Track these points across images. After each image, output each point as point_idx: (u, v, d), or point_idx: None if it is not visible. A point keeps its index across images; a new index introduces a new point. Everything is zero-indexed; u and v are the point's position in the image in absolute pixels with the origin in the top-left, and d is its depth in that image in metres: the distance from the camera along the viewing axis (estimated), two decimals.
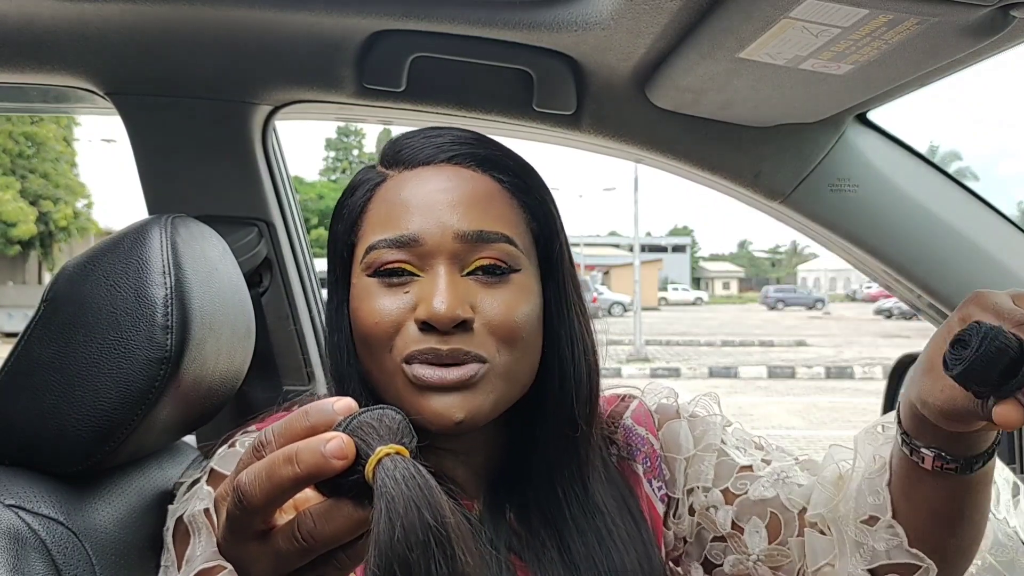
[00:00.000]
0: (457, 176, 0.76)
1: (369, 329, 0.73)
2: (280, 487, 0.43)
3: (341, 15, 0.99)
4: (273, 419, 0.79)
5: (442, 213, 0.73)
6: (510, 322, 0.73)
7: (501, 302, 0.73)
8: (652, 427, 0.88)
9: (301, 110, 1.19)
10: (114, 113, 1.16)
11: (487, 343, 0.72)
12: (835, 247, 1.18)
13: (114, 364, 0.74)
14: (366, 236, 0.76)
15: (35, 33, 1.04)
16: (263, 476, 0.43)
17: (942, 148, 51.76)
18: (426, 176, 0.76)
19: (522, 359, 0.75)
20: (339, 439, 0.42)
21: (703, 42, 0.84)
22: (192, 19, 1.00)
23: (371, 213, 0.77)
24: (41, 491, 0.73)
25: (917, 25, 0.71)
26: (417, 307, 0.72)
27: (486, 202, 0.75)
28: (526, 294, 0.75)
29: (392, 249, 0.73)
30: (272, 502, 0.44)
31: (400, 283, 0.73)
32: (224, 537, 0.47)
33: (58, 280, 0.78)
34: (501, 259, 0.74)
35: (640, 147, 1.11)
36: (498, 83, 1.06)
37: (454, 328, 0.71)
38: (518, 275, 0.75)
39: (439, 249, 0.73)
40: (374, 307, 0.73)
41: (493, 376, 0.72)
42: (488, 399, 0.72)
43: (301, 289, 1.31)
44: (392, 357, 0.72)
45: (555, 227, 0.80)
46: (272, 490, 0.43)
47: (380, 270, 0.74)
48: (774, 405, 10.14)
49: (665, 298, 47.06)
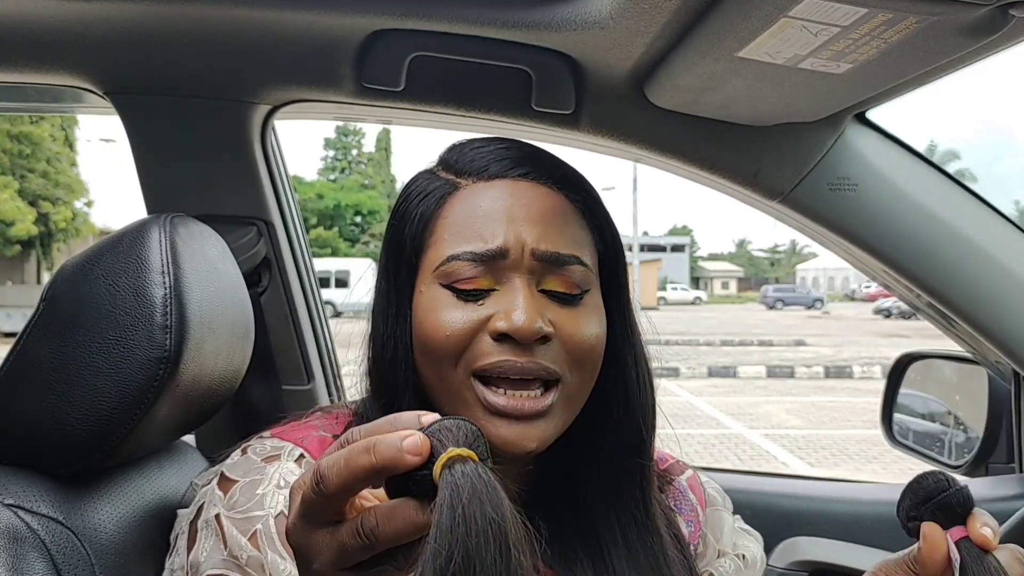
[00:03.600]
0: (535, 192, 0.75)
1: (439, 341, 0.71)
2: (355, 475, 0.44)
3: (340, 14, 0.99)
4: (291, 425, 0.78)
5: (523, 229, 0.72)
6: (586, 342, 0.73)
7: (577, 321, 0.73)
8: (702, 500, 0.90)
9: (300, 109, 1.19)
10: (113, 113, 1.16)
11: (562, 360, 0.72)
12: (834, 246, 1.18)
13: (113, 363, 0.74)
14: (442, 244, 0.74)
15: (33, 32, 1.04)
16: (341, 463, 0.45)
17: (941, 147, 51.78)
18: (505, 190, 0.75)
19: (588, 382, 0.75)
20: (416, 436, 0.43)
21: (702, 41, 0.84)
22: (191, 18, 1.00)
23: (447, 220, 0.74)
24: (40, 490, 0.73)
25: (916, 24, 0.71)
26: (491, 319, 0.71)
27: (562, 222, 0.75)
28: (597, 315, 0.75)
29: (474, 263, 0.71)
30: (346, 489, 0.45)
31: (475, 297, 0.72)
32: (294, 523, 0.48)
33: (57, 279, 0.78)
34: (575, 282, 0.73)
35: (639, 146, 1.11)
36: (497, 82, 1.06)
37: (533, 343, 0.70)
38: (589, 296, 0.75)
39: (518, 265, 0.72)
40: (446, 319, 0.71)
41: (563, 400, 0.72)
42: (557, 426, 0.72)
43: (300, 289, 1.31)
44: (458, 372, 0.71)
45: (620, 248, 0.80)
46: (348, 477, 0.44)
47: (456, 287, 0.72)
48: (773, 404, 10.14)
49: (664, 298, 47.07)
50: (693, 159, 1.10)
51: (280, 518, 0.69)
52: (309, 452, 0.74)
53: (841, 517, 1.27)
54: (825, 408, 9.91)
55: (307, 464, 0.73)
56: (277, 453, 0.74)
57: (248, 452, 0.75)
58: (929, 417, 1.51)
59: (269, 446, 0.75)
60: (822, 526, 1.27)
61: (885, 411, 1.49)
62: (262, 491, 0.70)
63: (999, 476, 1.30)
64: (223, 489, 0.72)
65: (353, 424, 0.79)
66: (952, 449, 1.44)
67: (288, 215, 1.29)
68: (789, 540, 1.26)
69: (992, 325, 1.10)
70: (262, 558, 0.67)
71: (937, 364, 1.48)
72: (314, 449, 0.74)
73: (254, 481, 0.71)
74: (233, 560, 0.68)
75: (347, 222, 43.98)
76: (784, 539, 1.26)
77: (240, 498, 0.70)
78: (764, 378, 12.80)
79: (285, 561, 0.67)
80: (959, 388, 1.46)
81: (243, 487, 0.71)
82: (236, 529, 0.69)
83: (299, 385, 1.30)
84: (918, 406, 1.52)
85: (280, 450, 0.74)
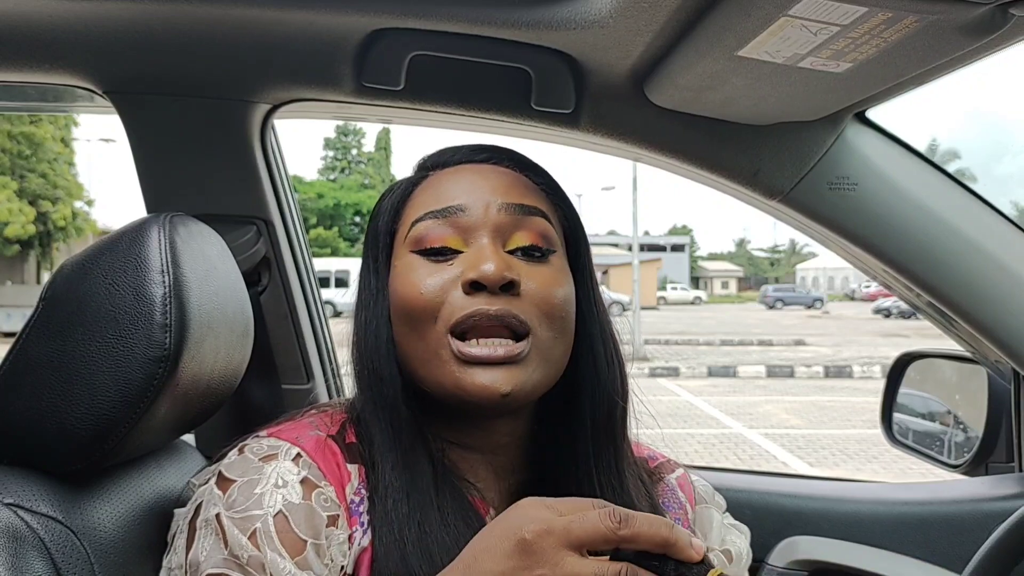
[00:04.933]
0: (498, 171, 0.81)
1: (414, 300, 0.75)
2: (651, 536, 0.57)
3: (340, 13, 0.99)
4: (286, 424, 0.79)
5: (485, 191, 0.78)
6: (552, 298, 0.76)
7: (544, 277, 0.76)
8: (691, 499, 0.91)
9: (300, 109, 1.19)
10: (113, 112, 1.16)
11: (531, 313, 0.74)
12: (834, 246, 1.18)
13: (112, 363, 0.74)
14: (410, 216, 0.79)
15: (33, 32, 1.04)
16: (645, 520, 0.57)
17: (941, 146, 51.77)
18: (468, 169, 0.81)
19: (559, 340, 0.77)
20: (702, 542, 0.58)
21: (702, 40, 0.84)
22: (190, 17, 1.00)
23: (414, 200, 0.81)
24: (40, 490, 0.73)
25: (916, 23, 0.71)
26: (462, 274, 0.74)
27: (524, 188, 0.80)
28: (564, 276, 0.79)
29: (437, 220, 0.76)
30: (634, 539, 0.57)
31: (444, 259, 0.76)
32: (561, 531, 0.57)
33: (56, 279, 0.78)
34: (541, 236, 0.77)
35: (639, 145, 1.11)
36: (497, 81, 1.06)
37: (500, 290, 0.73)
38: (554, 256, 0.78)
39: (483, 221, 0.76)
40: (419, 279, 0.75)
41: (535, 353, 0.74)
42: (532, 375, 0.74)
43: (300, 288, 1.31)
44: (437, 329, 0.74)
45: (582, 228, 0.84)
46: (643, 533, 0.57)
47: (426, 249, 0.76)
48: (773, 404, 10.14)
49: (664, 297, 47.10)
50: (693, 158, 1.10)
51: (279, 517, 0.69)
52: (306, 451, 0.74)
53: (841, 517, 1.27)
54: (825, 408, 9.91)
55: (304, 463, 0.73)
56: (274, 452, 0.74)
57: (245, 451, 0.75)
58: (929, 416, 1.51)
59: (266, 445, 0.75)
60: (822, 526, 1.27)
61: (885, 411, 1.48)
62: (260, 490, 0.70)
63: (999, 475, 1.30)
64: (222, 488, 0.72)
65: (348, 422, 0.80)
66: (952, 448, 1.43)
67: (288, 214, 1.29)
68: (789, 539, 1.26)
69: (992, 324, 1.10)
70: (262, 557, 0.67)
71: (937, 363, 1.48)
72: (310, 448, 0.75)
73: (252, 480, 0.71)
74: (234, 559, 0.68)
75: (347, 222, 44.01)
76: (784, 539, 1.26)
77: (239, 497, 0.70)
78: (764, 378, 12.80)
79: (285, 560, 0.67)
80: (959, 387, 1.46)
81: (241, 486, 0.71)
82: (236, 529, 0.68)
83: (299, 384, 1.30)
84: (918, 405, 1.52)
85: (277, 449, 0.74)
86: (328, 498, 0.72)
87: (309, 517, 0.70)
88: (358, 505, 0.74)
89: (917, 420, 1.52)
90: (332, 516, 0.72)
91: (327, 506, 0.72)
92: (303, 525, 0.69)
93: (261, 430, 0.78)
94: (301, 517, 0.70)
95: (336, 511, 0.72)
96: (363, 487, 0.75)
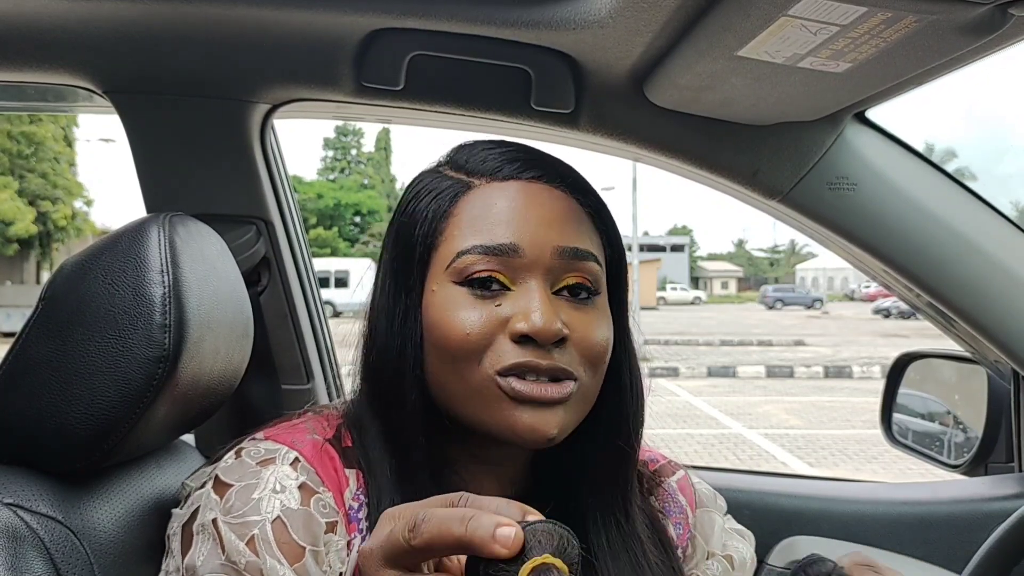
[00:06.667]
0: (548, 194, 0.75)
1: (458, 340, 0.70)
2: (444, 540, 0.45)
3: (339, 13, 0.99)
4: (283, 426, 0.78)
5: (539, 228, 0.73)
6: (598, 344, 0.74)
7: (590, 323, 0.74)
8: (692, 502, 0.90)
9: (299, 109, 1.19)
10: (112, 112, 1.16)
11: (576, 362, 0.72)
12: (834, 246, 1.18)
13: (112, 363, 0.74)
14: (454, 240, 0.73)
15: (32, 31, 1.04)
16: (435, 521, 0.45)
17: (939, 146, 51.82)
18: (519, 190, 0.75)
19: (598, 384, 0.76)
20: (512, 529, 0.43)
21: (701, 40, 0.84)
22: (190, 18, 1.00)
23: (460, 218, 0.74)
24: (39, 490, 0.72)
25: (915, 23, 0.71)
26: (510, 320, 0.71)
27: (577, 222, 0.75)
28: (607, 318, 0.76)
29: (486, 257, 0.71)
30: (431, 548, 0.46)
31: (491, 295, 0.72)
32: (373, 551, 0.49)
33: (56, 278, 0.78)
34: (589, 280, 0.74)
35: (638, 145, 1.11)
36: (496, 81, 1.06)
37: (551, 344, 0.70)
38: (599, 298, 0.76)
39: (536, 263, 0.72)
40: (464, 317, 0.71)
41: (578, 395, 0.73)
42: (574, 416, 0.73)
43: (300, 288, 1.31)
44: (481, 369, 0.71)
45: (623, 253, 0.81)
46: (436, 538, 0.45)
47: (469, 279, 0.72)
48: (773, 404, 10.14)
49: (663, 298, 47.11)
50: (692, 158, 1.10)
51: (277, 523, 0.68)
52: (304, 456, 0.73)
53: (841, 517, 1.27)
54: (825, 408, 9.91)
55: (302, 468, 0.72)
56: (272, 456, 0.73)
57: (242, 455, 0.73)
58: (928, 417, 1.51)
59: (263, 449, 0.74)
60: (822, 526, 1.27)
61: (884, 411, 1.49)
62: (258, 495, 0.69)
63: (998, 476, 1.30)
64: (219, 493, 0.71)
65: (343, 426, 0.79)
66: (951, 449, 1.44)
67: (288, 215, 1.29)
68: (789, 539, 1.26)
69: (991, 325, 1.10)
70: (260, 564, 0.66)
71: (936, 364, 1.48)
72: (308, 452, 0.74)
73: (249, 485, 0.70)
74: (231, 565, 0.67)
75: (347, 222, 44.02)
76: (784, 539, 1.26)
77: (236, 502, 0.69)
78: (764, 378, 12.80)
79: (283, 567, 0.66)
80: (958, 388, 1.46)
81: (239, 491, 0.70)
82: (234, 534, 0.68)
83: (298, 385, 1.30)
84: (917, 406, 1.52)
85: (275, 453, 0.73)
86: (327, 504, 0.71)
87: (307, 523, 0.69)
88: (357, 511, 0.73)
89: (917, 420, 1.52)
90: (331, 522, 0.71)
91: (326, 512, 0.71)
92: (301, 531, 0.68)
93: (257, 432, 0.77)
94: (299, 523, 0.69)
95: (335, 517, 0.71)
96: (362, 493, 0.74)
